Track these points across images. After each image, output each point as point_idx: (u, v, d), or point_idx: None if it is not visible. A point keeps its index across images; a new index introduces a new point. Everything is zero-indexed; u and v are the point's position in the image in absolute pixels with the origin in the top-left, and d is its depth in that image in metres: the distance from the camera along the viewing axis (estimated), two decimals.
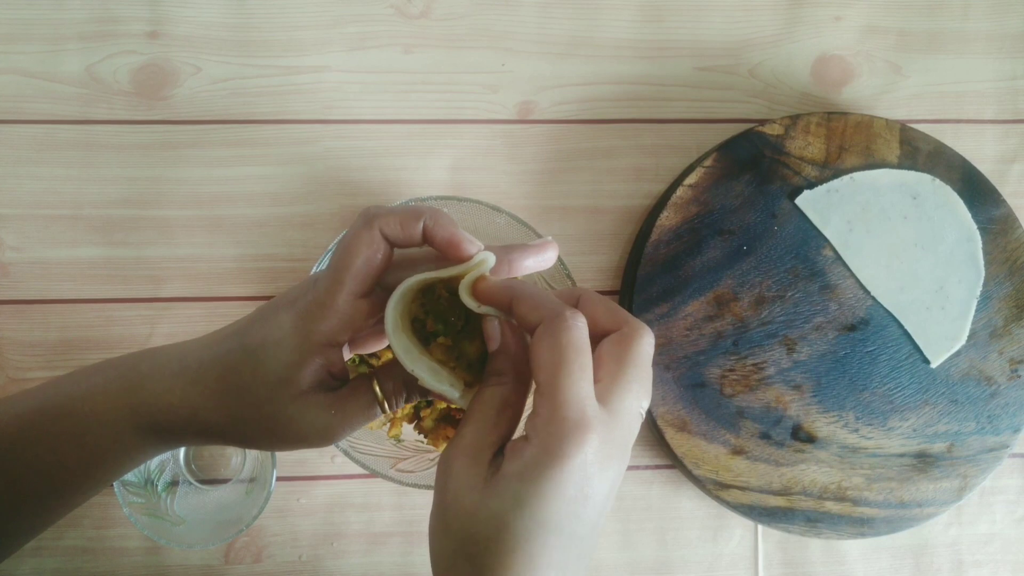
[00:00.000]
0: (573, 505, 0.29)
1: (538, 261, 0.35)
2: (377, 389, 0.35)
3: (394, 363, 0.34)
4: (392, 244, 0.33)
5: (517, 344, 0.33)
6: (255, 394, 0.33)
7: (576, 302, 0.34)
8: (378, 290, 0.34)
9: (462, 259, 0.33)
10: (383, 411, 0.35)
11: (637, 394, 0.31)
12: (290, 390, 0.33)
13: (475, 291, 0.33)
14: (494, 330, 0.33)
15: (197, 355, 0.34)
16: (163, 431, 0.34)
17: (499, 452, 0.31)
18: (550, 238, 0.36)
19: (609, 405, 0.30)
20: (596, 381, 0.31)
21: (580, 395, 0.29)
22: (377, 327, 0.36)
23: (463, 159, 0.59)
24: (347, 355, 0.37)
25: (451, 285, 0.34)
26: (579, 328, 0.30)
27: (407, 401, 0.35)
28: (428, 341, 0.34)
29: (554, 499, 0.29)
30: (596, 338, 0.32)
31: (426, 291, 0.34)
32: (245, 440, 0.35)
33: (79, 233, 0.57)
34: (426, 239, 0.33)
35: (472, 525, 0.29)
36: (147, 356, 0.36)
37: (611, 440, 0.30)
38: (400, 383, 0.35)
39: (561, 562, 0.29)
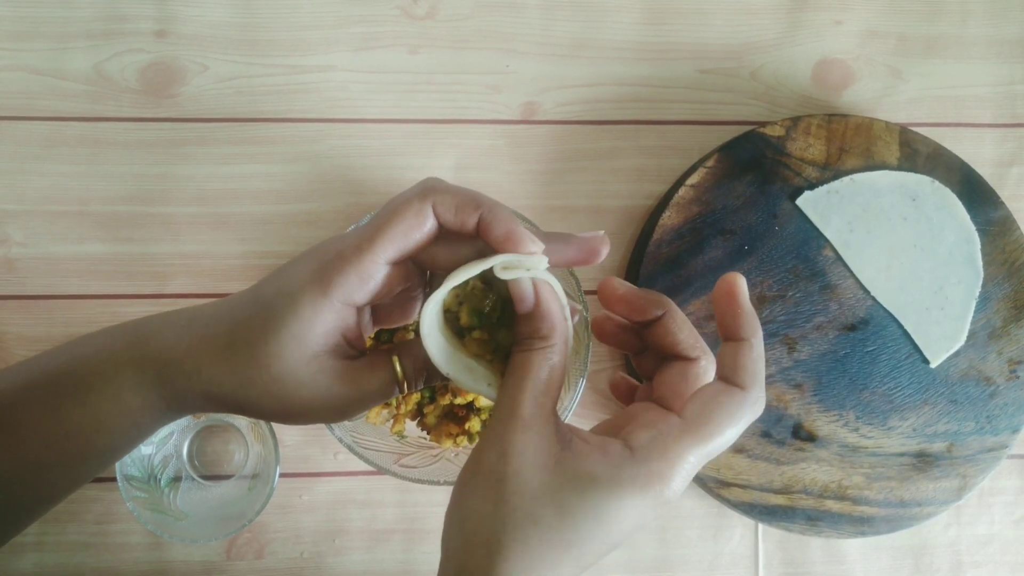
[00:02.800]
0: (636, 529, 0.29)
1: (582, 259, 0.32)
2: (398, 366, 0.32)
3: (416, 341, 0.32)
4: (442, 223, 0.31)
5: (557, 305, 0.31)
6: (264, 350, 0.30)
7: (662, 314, 0.33)
8: (411, 264, 0.32)
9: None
10: (401, 391, 0.33)
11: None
12: (302, 349, 0.30)
13: (608, 297, 0.32)
14: (526, 291, 0.30)
15: (210, 311, 0.32)
16: (166, 390, 0.32)
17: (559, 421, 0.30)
18: (602, 233, 0.33)
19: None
20: (648, 427, 0.30)
21: (702, 463, 0.30)
22: (404, 299, 0.34)
23: (467, 159, 0.60)
24: (369, 329, 0.35)
25: (486, 274, 0.31)
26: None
27: (427, 383, 0.33)
28: (462, 334, 0.32)
29: (631, 522, 0.28)
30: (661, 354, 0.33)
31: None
32: (250, 406, 0.31)
33: (85, 229, 0.57)
34: (481, 232, 0.30)
35: (536, 507, 0.28)
36: (159, 315, 0.33)
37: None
38: (421, 364, 0.33)
39: (588, 563, 0.29)
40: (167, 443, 0.55)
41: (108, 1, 0.58)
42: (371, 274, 0.30)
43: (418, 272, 0.33)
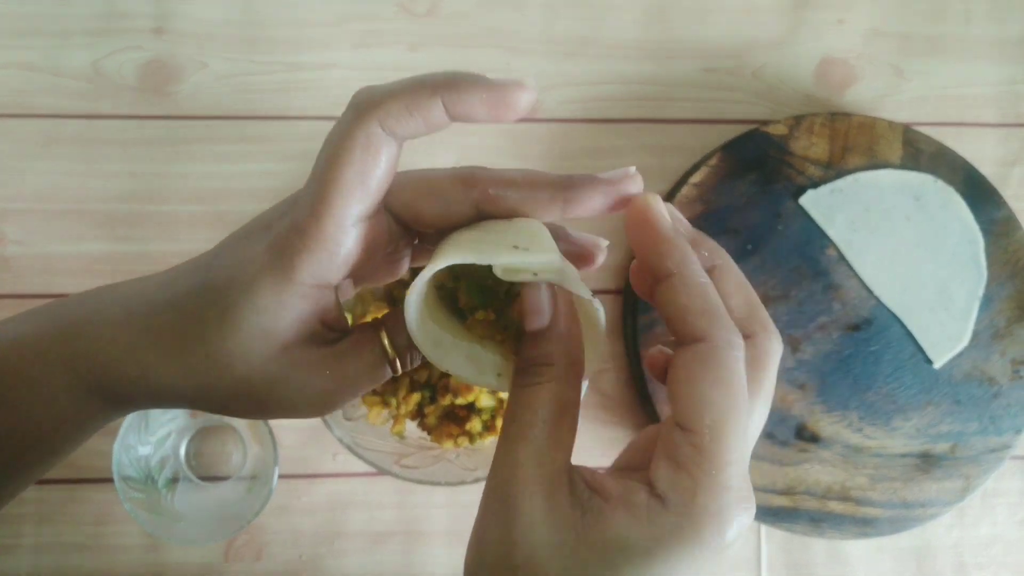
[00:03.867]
0: None
1: (609, 203, 0.26)
2: (387, 343, 0.26)
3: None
4: (400, 137, 0.24)
5: (572, 324, 0.25)
6: (223, 349, 0.25)
7: (712, 268, 0.25)
8: (388, 217, 0.26)
9: (514, 109, 0.23)
10: (393, 371, 0.27)
11: (757, 428, 0.25)
12: (269, 345, 0.25)
13: (633, 221, 0.24)
14: (541, 302, 0.24)
15: (148, 296, 0.26)
16: (108, 393, 0.26)
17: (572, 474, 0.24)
18: (634, 168, 0.26)
19: None
20: None
21: (746, 453, 0.23)
22: (388, 257, 0.28)
23: (468, 157, 0.59)
24: (350, 292, 0.29)
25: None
26: (743, 362, 0.23)
27: (422, 359, 0.27)
28: (464, 315, 0.27)
29: None
30: None
31: None
32: (216, 408, 0.26)
33: (82, 228, 0.57)
34: (452, 117, 0.24)
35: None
36: (89, 297, 0.27)
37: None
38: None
39: None
40: (164, 444, 0.54)
41: None
42: (339, 243, 0.24)
43: (401, 230, 0.27)
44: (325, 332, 0.26)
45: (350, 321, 0.49)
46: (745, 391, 0.23)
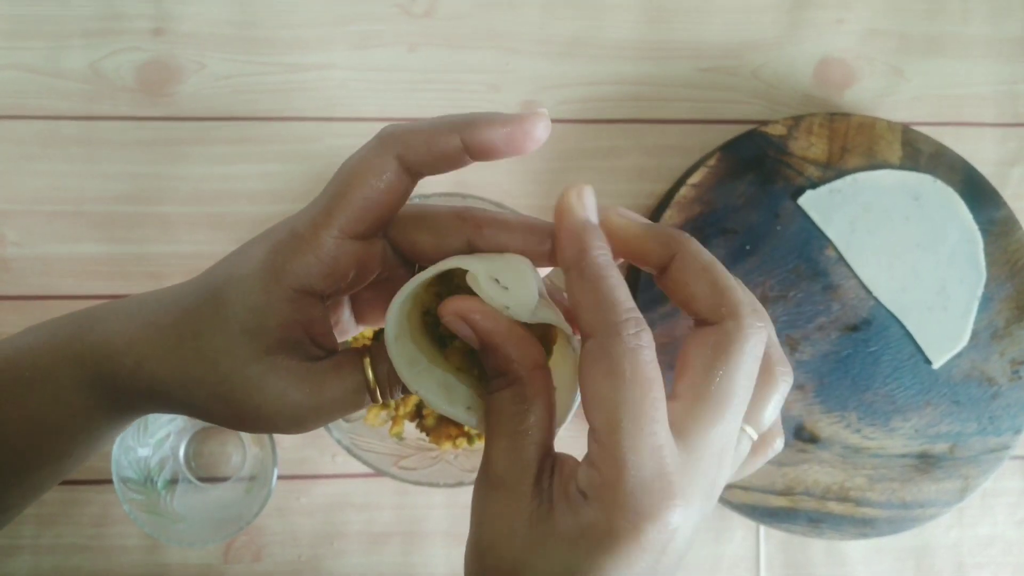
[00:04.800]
0: None
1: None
2: (369, 371, 0.27)
3: None
4: (416, 172, 0.25)
5: (506, 328, 0.25)
6: (211, 344, 0.25)
7: (670, 258, 0.25)
8: (388, 248, 0.27)
9: (526, 146, 0.24)
10: (372, 399, 0.27)
11: (735, 412, 0.24)
12: (253, 344, 0.25)
13: (608, 236, 0.25)
14: (459, 327, 0.25)
15: (160, 296, 0.28)
16: (108, 386, 0.27)
17: (544, 470, 0.24)
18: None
19: (689, 438, 0.23)
20: (673, 398, 0.24)
21: (654, 445, 0.22)
22: (389, 292, 0.28)
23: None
24: (354, 330, 0.30)
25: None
26: (646, 349, 0.23)
27: (405, 392, 0.27)
28: (444, 343, 0.27)
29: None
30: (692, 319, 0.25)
31: (444, 276, 0.26)
32: (197, 409, 0.27)
33: (81, 229, 0.57)
34: (472, 153, 0.25)
35: None
36: (112, 302, 0.29)
37: (694, 490, 0.23)
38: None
39: None
40: (164, 445, 0.54)
41: None
42: (330, 253, 0.25)
43: (400, 261, 0.28)
44: (310, 346, 0.27)
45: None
46: (645, 381, 0.22)
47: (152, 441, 0.53)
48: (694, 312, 0.25)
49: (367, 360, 0.27)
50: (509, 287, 0.24)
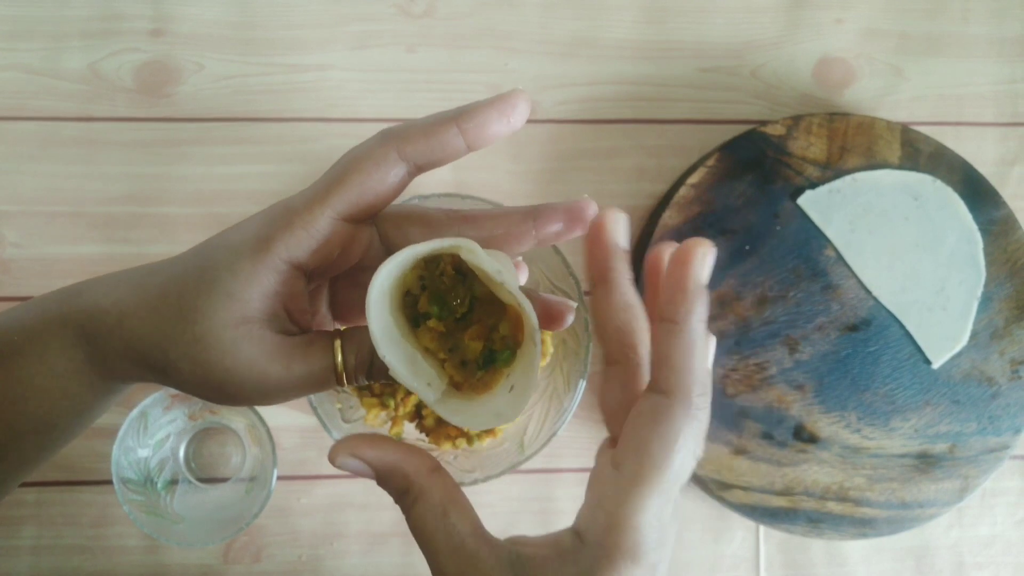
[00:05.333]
0: None
1: (571, 225, 0.28)
2: (338, 354, 0.27)
3: (364, 329, 0.27)
4: (413, 164, 0.27)
5: (392, 448, 0.27)
6: (192, 304, 0.26)
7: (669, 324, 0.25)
8: (371, 224, 0.28)
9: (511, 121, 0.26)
10: (339, 383, 0.28)
11: (678, 486, 0.25)
12: (233, 309, 0.26)
13: (593, 247, 0.26)
14: (354, 466, 0.27)
15: (152, 264, 0.29)
16: (90, 346, 0.28)
17: (494, 547, 0.26)
18: (586, 196, 0.29)
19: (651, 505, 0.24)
20: (618, 466, 0.25)
21: (668, 506, 0.24)
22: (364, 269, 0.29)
23: (465, 158, 0.59)
24: (330, 325, 0.31)
25: (460, 265, 0.28)
26: (705, 423, 0.25)
27: (370, 378, 0.28)
28: (418, 323, 0.28)
29: None
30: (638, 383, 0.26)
31: (430, 262, 0.28)
32: (171, 370, 0.27)
33: (80, 230, 0.57)
34: (468, 137, 0.26)
35: None
36: (102, 275, 0.30)
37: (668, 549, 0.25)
38: (367, 354, 0.28)
39: None
40: (164, 446, 0.54)
41: (103, 0, 0.58)
42: (321, 230, 0.26)
43: (385, 254, 0.29)
44: (286, 320, 0.28)
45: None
46: (690, 450, 0.24)
47: (152, 442, 0.53)
48: (604, 348, 0.27)
49: (337, 343, 0.28)
50: (501, 269, 0.26)
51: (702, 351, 0.24)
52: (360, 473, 0.27)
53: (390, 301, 0.27)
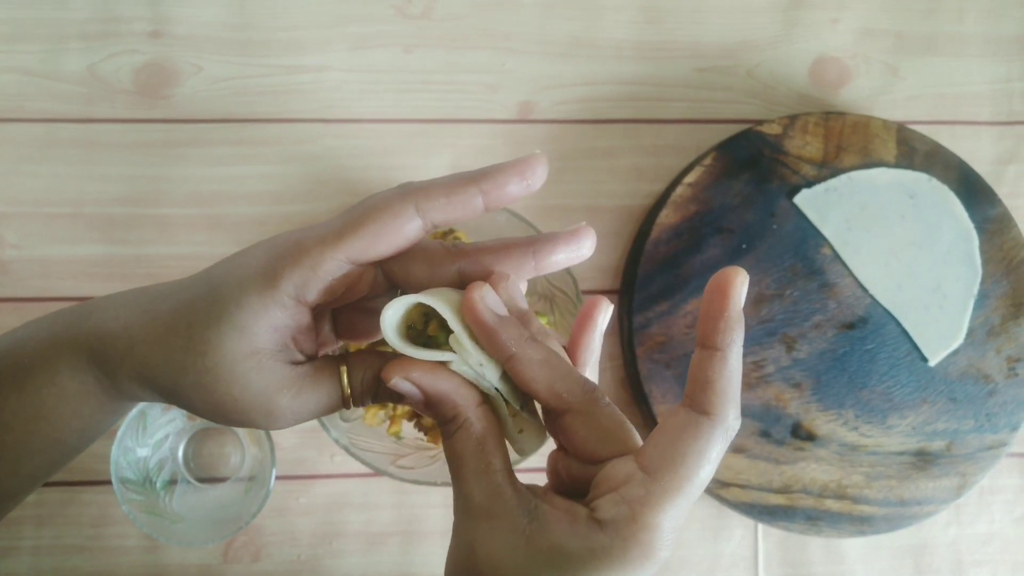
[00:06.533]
0: None
1: (571, 255, 0.29)
2: (345, 379, 0.29)
3: (369, 352, 0.29)
4: (433, 223, 0.28)
5: (446, 378, 0.28)
6: (202, 336, 0.27)
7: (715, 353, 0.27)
8: (379, 274, 0.29)
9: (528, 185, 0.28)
10: (345, 406, 0.29)
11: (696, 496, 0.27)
12: (242, 343, 0.27)
13: (576, 341, 0.29)
14: (407, 387, 0.27)
15: (161, 288, 0.29)
16: (100, 370, 0.29)
17: (518, 491, 0.27)
18: (584, 223, 0.29)
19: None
20: (647, 470, 0.26)
21: (687, 509, 0.26)
22: (372, 311, 0.31)
23: (463, 158, 0.59)
24: (334, 344, 0.32)
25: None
26: (728, 442, 0.27)
27: (375, 401, 0.29)
28: (428, 345, 0.29)
29: None
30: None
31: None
32: (181, 396, 0.28)
33: (79, 231, 0.57)
34: (487, 198, 0.28)
35: None
36: (110, 294, 0.31)
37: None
38: (372, 377, 0.29)
39: None
40: (163, 446, 0.54)
41: (102, 2, 0.58)
42: (328, 269, 0.27)
43: (387, 285, 0.30)
44: (294, 351, 0.29)
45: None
46: (716, 464, 0.26)
47: (151, 442, 0.53)
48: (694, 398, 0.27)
49: (343, 369, 0.29)
50: (463, 344, 0.27)
51: (739, 375, 0.26)
52: (409, 395, 0.28)
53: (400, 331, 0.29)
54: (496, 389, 0.28)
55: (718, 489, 0.55)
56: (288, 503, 0.56)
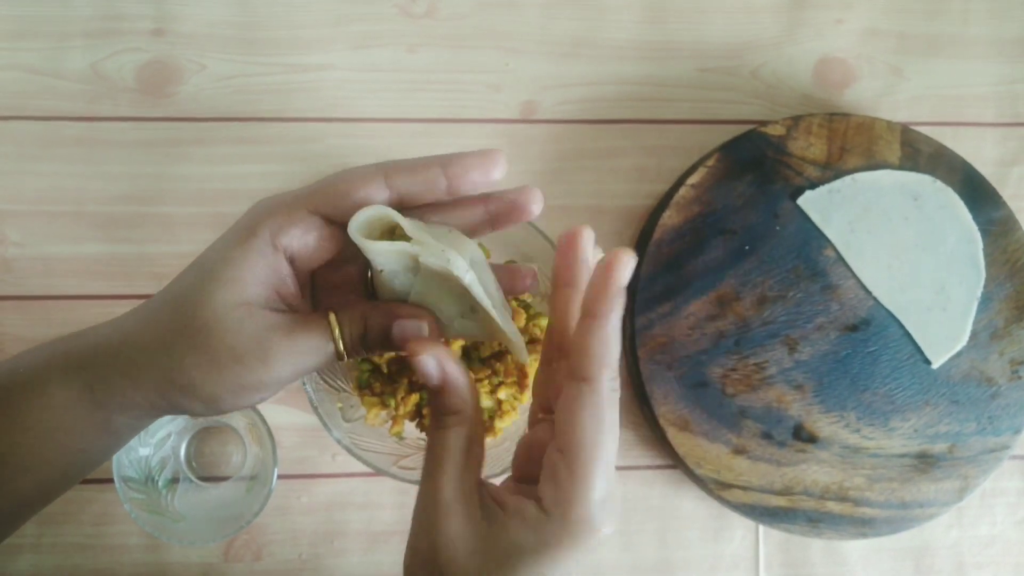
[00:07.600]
0: None
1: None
2: (335, 326, 0.30)
3: (357, 305, 0.31)
4: (399, 195, 0.29)
5: (466, 377, 0.30)
6: (192, 301, 0.29)
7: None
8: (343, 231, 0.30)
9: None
10: (338, 355, 0.30)
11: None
12: (231, 295, 0.28)
13: (561, 251, 0.31)
14: (433, 368, 0.29)
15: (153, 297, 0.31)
16: (88, 372, 0.29)
17: (482, 494, 0.29)
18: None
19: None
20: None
21: (610, 476, 0.28)
22: (348, 282, 0.33)
23: None
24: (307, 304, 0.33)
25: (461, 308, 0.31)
26: (616, 401, 0.28)
27: (367, 350, 0.30)
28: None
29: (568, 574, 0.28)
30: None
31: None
32: (171, 376, 0.29)
33: (82, 229, 0.57)
34: (450, 180, 0.29)
35: None
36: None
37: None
38: (360, 327, 0.30)
39: None
40: (164, 444, 0.54)
41: (105, 0, 0.58)
42: (301, 216, 0.29)
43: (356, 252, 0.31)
44: (281, 305, 0.30)
45: None
46: (614, 427, 0.28)
47: (153, 441, 0.53)
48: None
49: (332, 316, 0.30)
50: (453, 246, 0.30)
51: (616, 343, 0.28)
52: (429, 376, 0.29)
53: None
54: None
55: (719, 490, 0.55)
56: (290, 502, 0.56)
